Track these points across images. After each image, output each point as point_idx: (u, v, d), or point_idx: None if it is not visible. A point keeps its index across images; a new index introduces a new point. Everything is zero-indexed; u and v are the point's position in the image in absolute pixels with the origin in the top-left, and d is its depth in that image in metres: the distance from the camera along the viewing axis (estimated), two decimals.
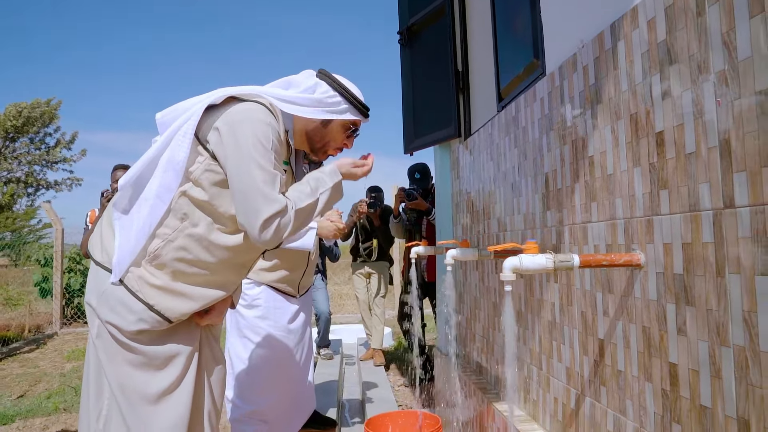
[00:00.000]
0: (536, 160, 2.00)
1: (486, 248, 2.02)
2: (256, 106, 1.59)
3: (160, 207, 1.60)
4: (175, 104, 1.72)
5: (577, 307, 1.69)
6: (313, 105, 1.69)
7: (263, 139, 1.54)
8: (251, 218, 1.52)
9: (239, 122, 1.55)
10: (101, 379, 1.70)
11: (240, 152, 1.53)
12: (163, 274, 1.63)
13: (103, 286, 1.64)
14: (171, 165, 1.59)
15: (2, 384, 5.78)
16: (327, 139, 1.75)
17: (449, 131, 3.12)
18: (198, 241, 1.62)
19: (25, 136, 16.20)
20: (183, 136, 1.59)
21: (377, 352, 4.98)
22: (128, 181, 1.68)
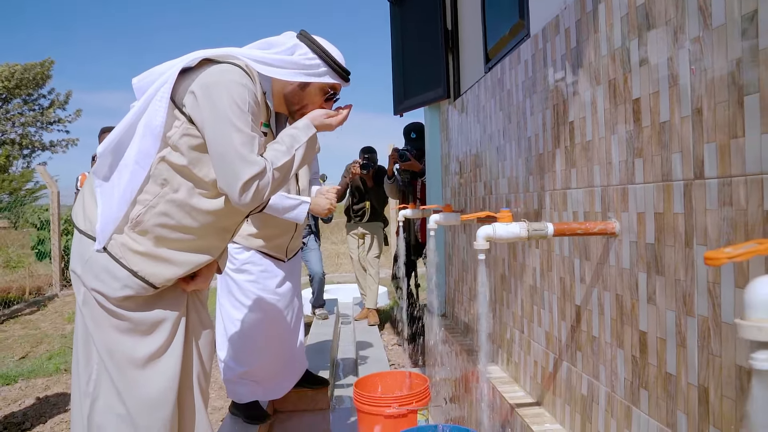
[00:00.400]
0: (520, 124, 1.98)
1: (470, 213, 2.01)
2: (231, 67, 1.56)
3: (140, 173, 1.59)
4: (151, 68, 1.69)
5: (556, 272, 1.70)
6: (291, 67, 1.65)
7: (239, 101, 1.52)
8: (231, 181, 1.51)
9: (214, 84, 1.53)
10: (89, 344, 1.72)
11: (216, 115, 1.51)
12: (146, 240, 1.64)
13: (87, 253, 1.65)
14: (149, 130, 1.58)
15: (5, 345, 5.89)
16: (305, 102, 1.72)
17: (438, 92, 3.07)
18: (179, 207, 1.62)
19: (19, 98, 15.98)
20: (159, 101, 1.57)
21: (371, 312, 5.05)
22: (107, 147, 1.66)
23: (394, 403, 2.48)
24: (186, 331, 1.80)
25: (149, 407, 1.70)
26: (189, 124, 1.57)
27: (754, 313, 0.48)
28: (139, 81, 1.70)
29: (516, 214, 2.01)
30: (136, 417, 1.69)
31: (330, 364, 3.83)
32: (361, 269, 5.24)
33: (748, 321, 0.49)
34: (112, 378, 1.69)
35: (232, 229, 1.82)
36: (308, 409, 3.27)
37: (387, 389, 2.83)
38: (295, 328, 2.91)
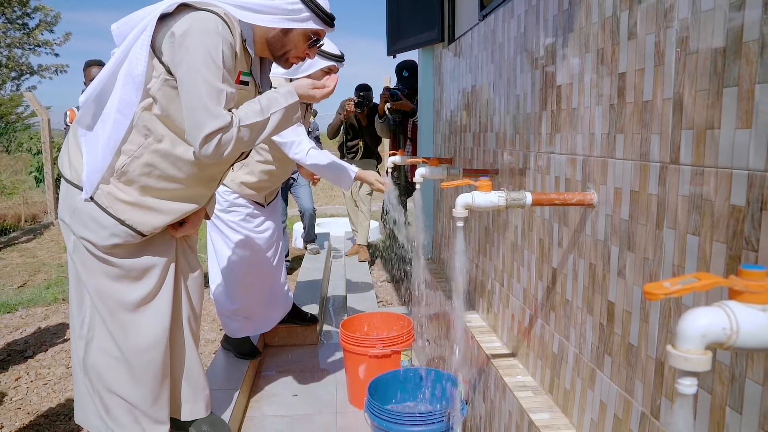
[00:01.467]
0: (510, 81, 1.95)
1: (460, 168, 2.03)
2: (207, 15, 1.53)
3: (123, 122, 1.60)
4: (130, 14, 1.66)
5: (536, 233, 1.74)
6: (273, 12, 1.62)
7: (213, 52, 1.51)
8: (193, 132, 1.53)
9: (188, 34, 1.51)
10: (81, 290, 1.78)
11: (188, 66, 1.51)
12: (133, 190, 1.66)
13: (74, 203, 1.68)
14: (130, 79, 1.57)
15: (4, 273, 6.00)
16: (288, 47, 1.71)
17: (432, 35, 2.99)
18: (164, 157, 1.64)
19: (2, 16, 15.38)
20: (140, 48, 1.56)
21: (362, 248, 5.14)
22: (89, 96, 1.66)
23: (379, 344, 2.59)
24: (175, 276, 1.86)
25: (142, 349, 1.78)
26: (167, 75, 1.56)
27: (683, 344, 0.52)
28: (118, 27, 1.67)
29: (502, 171, 2.03)
30: (130, 358, 1.78)
31: (320, 300, 3.95)
32: (353, 205, 5.29)
33: (677, 350, 0.52)
34: (105, 322, 1.76)
35: (218, 177, 1.83)
36: (297, 344, 3.41)
37: (372, 329, 2.95)
38: (278, 265, 3.00)
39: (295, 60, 1.75)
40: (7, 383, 3.25)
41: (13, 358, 3.64)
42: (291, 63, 1.75)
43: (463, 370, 2.03)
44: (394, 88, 4.00)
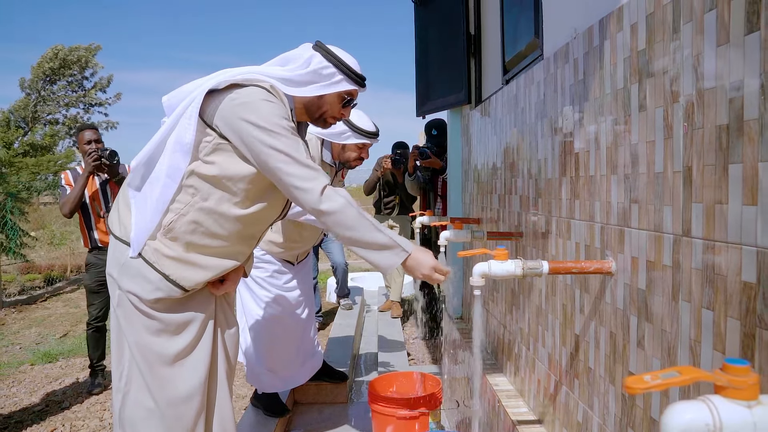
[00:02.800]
0: (532, 145, 1.98)
1: (484, 231, 2.05)
2: (257, 90, 1.64)
3: (171, 186, 1.71)
4: (180, 87, 1.78)
5: (560, 298, 1.73)
6: (309, 80, 1.73)
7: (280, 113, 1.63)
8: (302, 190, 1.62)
9: (255, 104, 1.62)
10: (122, 343, 1.85)
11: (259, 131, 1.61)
12: (177, 246, 1.74)
13: (122, 258, 1.78)
14: (179, 146, 1.68)
15: (48, 323, 6.20)
16: (324, 109, 1.80)
17: (460, 96, 3.07)
18: (208, 214, 1.72)
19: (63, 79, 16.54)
20: (188, 119, 1.67)
21: (395, 304, 5.13)
22: (140, 161, 1.79)
23: (407, 406, 2.56)
24: (214, 331, 1.91)
25: (177, 402, 1.82)
26: (221, 139, 1.66)
27: None
28: (168, 99, 1.80)
29: (526, 234, 2.04)
30: (164, 410, 1.81)
31: (351, 356, 3.94)
32: None
33: None
34: (143, 374, 1.82)
35: (257, 236, 1.91)
36: (327, 402, 3.39)
37: (401, 389, 2.91)
38: (308, 322, 3.02)
39: (332, 120, 1.83)
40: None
41: (51, 409, 3.73)
42: (329, 123, 1.84)
43: None
44: (423, 146, 4.09)
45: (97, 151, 3.64)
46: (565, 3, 1.73)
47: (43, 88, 16.37)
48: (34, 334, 5.81)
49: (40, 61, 15.85)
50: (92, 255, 3.89)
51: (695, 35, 1.04)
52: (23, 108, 16.13)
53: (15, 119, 15.98)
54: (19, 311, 6.87)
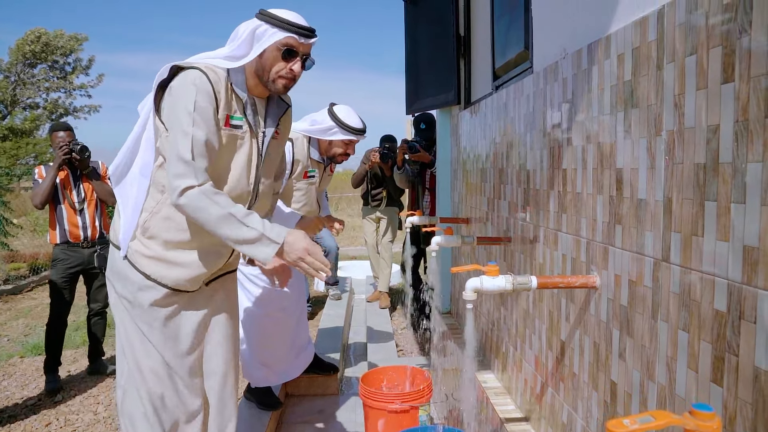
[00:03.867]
0: (520, 154, 2.06)
1: (474, 236, 2.13)
2: (187, 71, 1.68)
3: (144, 183, 1.80)
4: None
5: (546, 305, 1.82)
6: (248, 47, 1.74)
7: (186, 102, 1.63)
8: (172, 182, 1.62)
9: (170, 92, 1.69)
10: (120, 342, 1.92)
11: (169, 121, 1.68)
12: (155, 245, 1.80)
13: (115, 262, 1.85)
14: (148, 143, 1.78)
15: (35, 313, 6.19)
16: (267, 67, 1.74)
17: (449, 97, 3.13)
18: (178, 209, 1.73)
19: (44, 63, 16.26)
20: (148, 112, 1.75)
21: (383, 295, 5.22)
22: (120, 162, 1.86)
23: (397, 400, 2.65)
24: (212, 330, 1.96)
25: (171, 405, 1.89)
26: (166, 132, 1.71)
27: None
28: (141, 104, 1.87)
29: (514, 239, 2.12)
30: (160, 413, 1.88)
31: (341, 347, 4.03)
32: (375, 253, 5.40)
33: None
34: (133, 374, 1.88)
35: None
36: (318, 394, 3.48)
37: (392, 383, 3.01)
38: (301, 315, 3.10)
39: (283, 80, 1.76)
40: (38, 428, 3.37)
41: (44, 403, 3.77)
42: (281, 84, 1.76)
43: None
44: (412, 140, 4.15)
45: (68, 145, 3.68)
46: (555, 21, 1.79)
47: (22, 71, 16.08)
48: (21, 326, 5.81)
49: (19, 44, 15.54)
50: (60, 249, 3.87)
51: (677, 75, 1.11)
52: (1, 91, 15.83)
53: None
54: (5, 302, 6.83)
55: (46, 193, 3.73)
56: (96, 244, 3.91)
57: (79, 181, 3.87)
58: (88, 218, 3.88)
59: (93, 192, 3.91)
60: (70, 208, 3.83)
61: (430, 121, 4.30)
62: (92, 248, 3.90)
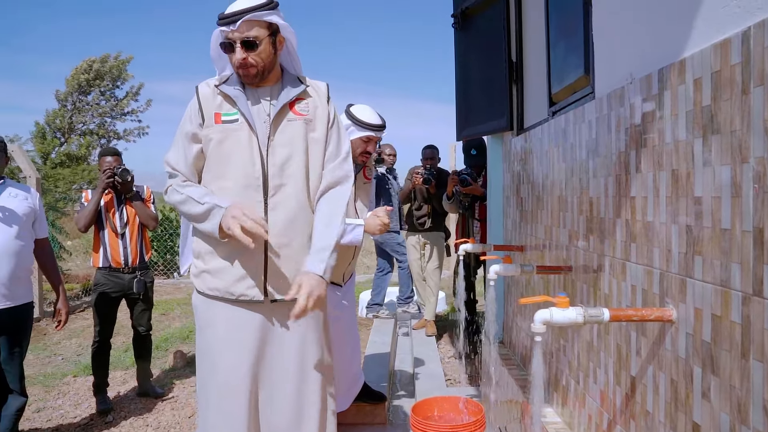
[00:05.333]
0: (582, 182, 2.00)
1: (533, 265, 2.07)
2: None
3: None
4: None
5: (613, 338, 1.74)
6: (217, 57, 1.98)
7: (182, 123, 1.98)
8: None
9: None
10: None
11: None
12: (199, 261, 1.96)
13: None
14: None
15: (87, 333, 6.34)
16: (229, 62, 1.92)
17: (501, 123, 3.10)
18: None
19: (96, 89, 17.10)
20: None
21: (429, 323, 5.15)
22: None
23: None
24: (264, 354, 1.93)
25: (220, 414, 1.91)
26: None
27: None
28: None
29: (575, 268, 2.05)
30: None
31: (388, 376, 3.97)
32: (421, 279, 5.33)
33: None
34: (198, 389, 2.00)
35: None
36: (367, 423, 3.42)
37: (443, 413, 2.93)
38: (355, 348, 3.06)
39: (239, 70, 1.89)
40: None
41: (95, 423, 3.83)
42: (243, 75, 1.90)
43: None
44: (463, 172, 4.09)
45: (111, 168, 3.77)
46: (619, 46, 1.75)
47: (78, 99, 16.92)
48: (74, 345, 5.97)
49: (74, 73, 16.41)
50: (101, 274, 3.90)
51: (766, 99, 1.06)
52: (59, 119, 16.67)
53: (51, 130, 16.51)
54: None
55: (89, 217, 3.80)
56: (136, 269, 3.92)
57: (122, 205, 3.94)
58: (129, 243, 3.93)
59: (136, 216, 3.96)
60: (112, 232, 3.90)
61: (481, 146, 4.25)
62: (132, 274, 3.90)
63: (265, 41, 1.86)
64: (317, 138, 1.96)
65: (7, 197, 3.10)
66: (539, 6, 2.62)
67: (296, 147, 1.93)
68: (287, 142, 1.92)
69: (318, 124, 1.97)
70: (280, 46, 1.93)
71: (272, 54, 1.90)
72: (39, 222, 3.29)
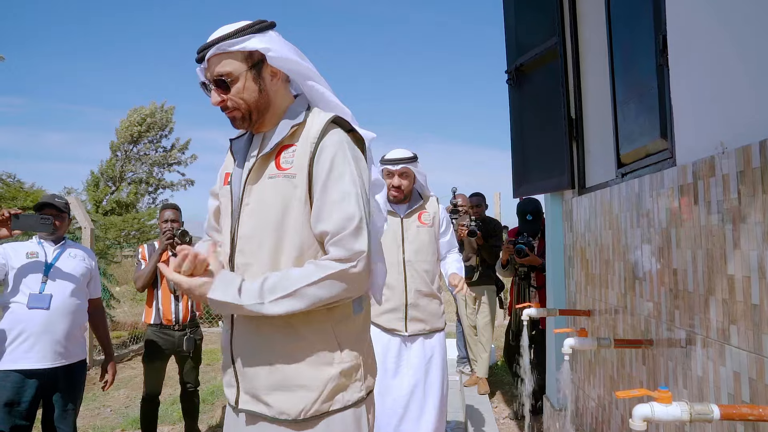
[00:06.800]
0: (663, 252, 1.89)
1: (611, 338, 1.95)
2: None
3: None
4: None
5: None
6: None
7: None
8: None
9: None
10: None
11: None
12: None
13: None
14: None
15: (134, 384, 6.35)
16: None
17: (561, 181, 3.01)
18: None
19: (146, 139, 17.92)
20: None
21: (482, 381, 4.96)
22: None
23: None
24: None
25: None
26: None
27: None
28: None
29: (657, 343, 1.92)
30: None
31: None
32: (472, 334, 5.17)
33: None
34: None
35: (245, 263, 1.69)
36: None
37: None
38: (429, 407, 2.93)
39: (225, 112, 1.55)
40: None
41: None
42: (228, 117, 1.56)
43: None
44: (519, 241, 3.96)
45: (171, 230, 3.84)
46: (705, 111, 1.67)
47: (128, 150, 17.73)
48: (122, 396, 5.97)
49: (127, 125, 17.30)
50: (152, 331, 3.94)
51: None
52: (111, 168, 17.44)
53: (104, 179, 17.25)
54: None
55: (148, 278, 3.89)
56: (186, 327, 3.94)
57: None
58: (181, 302, 3.98)
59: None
60: (166, 291, 3.96)
61: (537, 211, 4.12)
62: (183, 331, 3.92)
63: (244, 76, 1.49)
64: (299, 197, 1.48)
65: (67, 258, 3.18)
66: (601, 65, 2.57)
67: (268, 215, 1.49)
68: (257, 209, 1.51)
69: (300, 178, 1.48)
70: (272, 78, 1.54)
71: (258, 91, 1.51)
72: (94, 282, 3.36)
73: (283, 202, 1.48)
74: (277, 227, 1.48)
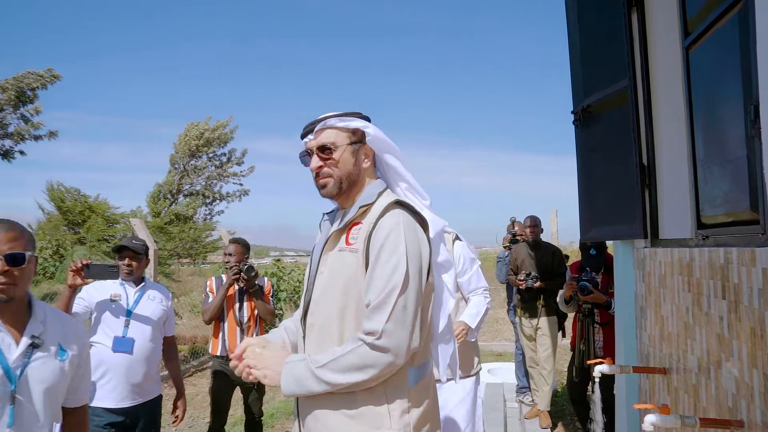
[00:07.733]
0: (755, 332, 1.81)
1: (696, 417, 1.90)
2: None
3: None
4: None
5: None
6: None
7: None
8: None
9: None
10: None
11: None
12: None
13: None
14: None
15: (196, 402, 6.51)
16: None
17: (633, 229, 2.93)
18: None
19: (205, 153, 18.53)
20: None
21: (543, 414, 4.88)
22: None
23: None
24: None
25: None
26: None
27: None
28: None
29: (749, 425, 1.84)
30: None
31: None
32: (534, 365, 5.09)
33: None
34: None
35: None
36: None
37: None
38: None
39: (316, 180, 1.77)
40: None
41: None
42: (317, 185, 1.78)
43: None
44: (582, 278, 3.88)
45: (237, 265, 3.95)
46: None
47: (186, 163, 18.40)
48: (186, 417, 6.14)
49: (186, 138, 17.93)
50: (218, 362, 4.18)
51: None
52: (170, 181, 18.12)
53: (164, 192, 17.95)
54: (170, 386, 7.33)
55: (215, 312, 4.07)
56: None
57: (244, 299, 4.15)
58: (246, 335, 4.11)
59: (255, 310, 4.16)
60: (233, 323, 4.10)
61: (601, 245, 4.05)
62: None
63: (344, 148, 1.72)
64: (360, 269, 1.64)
65: (147, 301, 3.34)
66: (676, 114, 2.49)
67: (336, 284, 1.67)
68: (328, 278, 1.70)
69: (361, 252, 1.64)
70: (366, 157, 1.77)
71: (353, 164, 1.73)
72: (169, 321, 3.52)
73: (348, 273, 1.66)
74: (343, 294, 1.65)
